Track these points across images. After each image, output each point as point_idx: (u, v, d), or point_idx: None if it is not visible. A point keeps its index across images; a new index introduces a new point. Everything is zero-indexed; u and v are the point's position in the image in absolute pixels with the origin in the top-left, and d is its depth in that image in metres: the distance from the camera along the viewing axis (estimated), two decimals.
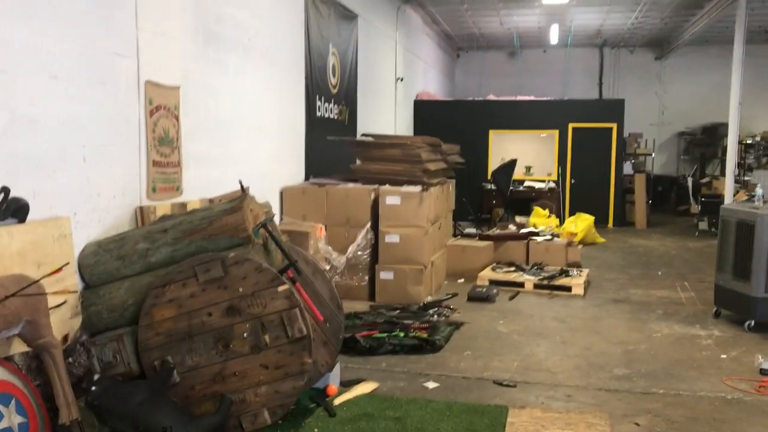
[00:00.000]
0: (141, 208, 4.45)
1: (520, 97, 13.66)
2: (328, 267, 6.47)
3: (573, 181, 12.65)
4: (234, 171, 5.75)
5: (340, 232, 6.66)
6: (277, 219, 6.54)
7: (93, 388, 3.40)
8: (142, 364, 3.69)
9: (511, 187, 11.44)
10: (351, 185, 6.95)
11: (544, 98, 13.76)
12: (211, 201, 5.27)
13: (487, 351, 5.25)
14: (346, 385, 4.46)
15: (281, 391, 3.58)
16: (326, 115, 7.88)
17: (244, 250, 3.69)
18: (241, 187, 3.95)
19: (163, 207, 4.59)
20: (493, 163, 12.32)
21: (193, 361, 3.65)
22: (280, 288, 3.56)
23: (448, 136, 9.26)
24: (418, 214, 6.61)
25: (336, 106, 8.24)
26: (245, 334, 3.60)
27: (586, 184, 12.55)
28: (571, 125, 12.64)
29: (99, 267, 3.91)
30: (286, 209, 6.76)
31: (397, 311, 6.23)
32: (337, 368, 4.44)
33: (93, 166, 4.02)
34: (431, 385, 4.53)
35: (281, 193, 6.79)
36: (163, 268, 3.81)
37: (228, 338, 3.62)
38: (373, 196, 6.70)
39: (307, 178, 7.41)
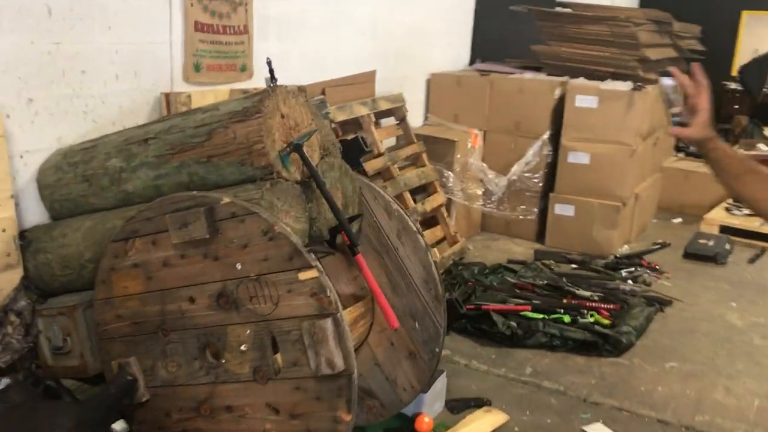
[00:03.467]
0: (167, 96, 2.88)
1: None
2: (480, 191, 4.62)
3: None
4: (349, 45, 3.99)
5: (503, 143, 4.72)
6: (419, 118, 4.74)
7: None
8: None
9: (764, 89, 8.54)
10: (528, 75, 4.90)
11: None
12: (301, 90, 3.58)
13: (707, 365, 3.22)
14: (456, 408, 2.74)
15: None
16: None
17: (255, 191, 2.00)
18: (270, 71, 2.19)
19: (212, 96, 2.99)
20: (743, 56, 9.32)
21: (169, 372, 2.12)
22: (303, 275, 1.85)
23: (682, 15, 6.66)
24: (623, 124, 4.45)
25: None
26: (244, 346, 1.98)
27: None
28: None
29: (61, 190, 2.44)
30: (432, 105, 4.92)
31: (572, 266, 4.30)
32: (441, 383, 2.72)
33: (71, 23, 2.48)
34: (597, 431, 2.68)
35: (428, 82, 4.94)
36: (144, 204, 2.25)
37: (219, 345, 2.03)
38: (558, 93, 4.62)
39: (472, 62, 5.46)
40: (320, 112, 3.22)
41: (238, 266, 1.93)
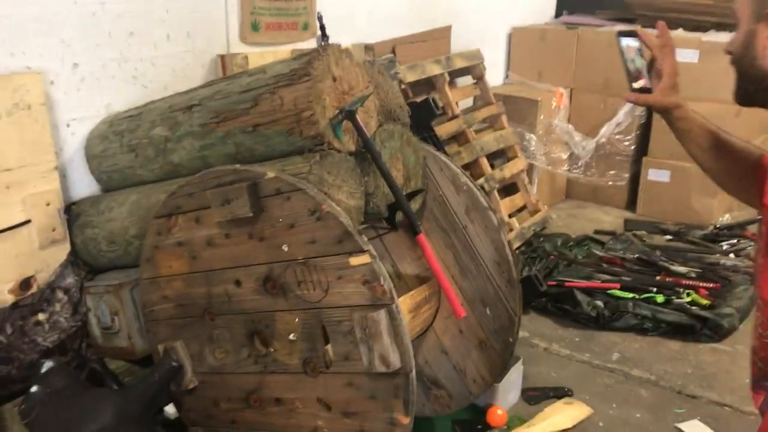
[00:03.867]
0: (222, 58, 2.69)
1: None
2: (565, 156, 4.28)
3: None
4: None
5: (591, 103, 4.34)
6: (498, 76, 4.41)
7: (31, 391, 1.89)
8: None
9: None
10: (620, 28, 4.46)
11: None
12: (368, 49, 3.34)
13: None
14: (533, 399, 2.50)
15: None
16: None
17: (302, 164, 1.78)
18: (321, 28, 1.96)
19: (271, 56, 2.79)
20: None
21: (217, 359, 1.96)
22: (355, 260, 1.63)
23: None
24: (728, 79, 3.98)
25: None
26: (293, 335, 1.78)
27: None
28: None
29: (108, 161, 2.30)
30: (513, 62, 4.57)
31: (666, 238, 3.92)
32: (517, 371, 2.48)
33: None
34: (694, 429, 2.37)
35: (509, 37, 4.59)
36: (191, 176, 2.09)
37: (267, 333, 1.85)
38: None
39: (558, 15, 5.05)
40: (389, 73, 2.97)
41: (285, 248, 1.73)
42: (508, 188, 4.03)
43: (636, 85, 1.60)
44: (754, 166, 1.51)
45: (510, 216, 3.85)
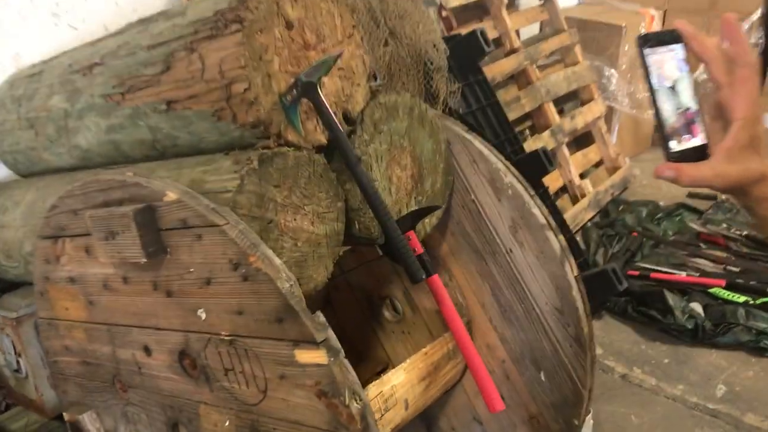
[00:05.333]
0: None
1: None
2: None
3: None
4: None
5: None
6: None
7: None
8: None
9: None
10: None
11: None
12: None
13: None
14: None
15: None
16: None
17: (229, 175, 1.06)
18: None
19: None
20: None
21: None
22: (303, 355, 0.93)
23: None
24: None
25: None
26: None
27: None
28: None
29: (8, 137, 1.64)
30: None
31: None
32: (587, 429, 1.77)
33: None
34: None
35: None
36: (104, 166, 1.42)
37: (191, 429, 1.19)
38: None
39: None
40: None
41: (202, 315, 1.05)
42: (581, 139, 3.22)
43: (676, 145, 0.81)
44: None
45: (582, 176, 3.06)
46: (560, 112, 3.05)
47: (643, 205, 3.01)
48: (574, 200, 2.95)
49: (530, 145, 2.71)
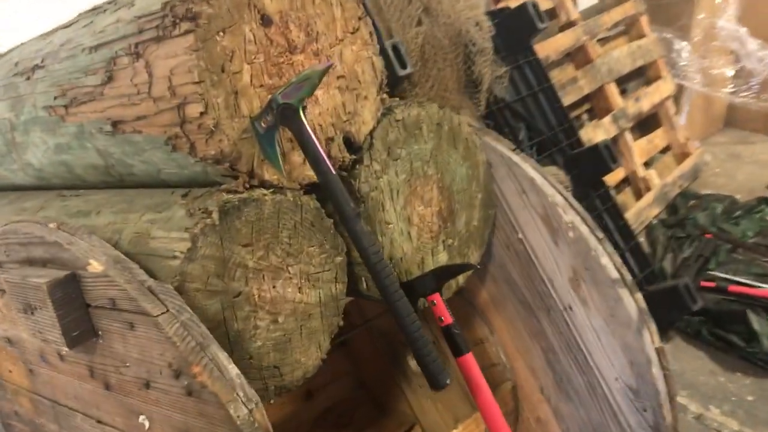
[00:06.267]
0: None
1: None
2: (731, 72, 2.99)
3: None
4: None
5: None
6: None
7: None
8: None
9: None
10: None
11: None
12: None
13: None
14: None
15: None
16: None
17: (178, 233, 0.77)
18: None
19: None
20: None
21: None
22: None
23: None
24: None
25: None
26: None
27: None
28: None
29: None
30: None
31: None
32: None
33: None
34: None
35: None
36: (63, 187, 1.14)
37: None
38: None
39: None
40: None
41: (144, 422, 0.77)
42: (645, 122, 2.84)
43: None
44: None
45: (646, 165, 2.69)
46: (623, 93, 2.68)
47: (717, 201, 2.62)
48: (638, 194, 2.60)
49: (588, 133, 2.36)
